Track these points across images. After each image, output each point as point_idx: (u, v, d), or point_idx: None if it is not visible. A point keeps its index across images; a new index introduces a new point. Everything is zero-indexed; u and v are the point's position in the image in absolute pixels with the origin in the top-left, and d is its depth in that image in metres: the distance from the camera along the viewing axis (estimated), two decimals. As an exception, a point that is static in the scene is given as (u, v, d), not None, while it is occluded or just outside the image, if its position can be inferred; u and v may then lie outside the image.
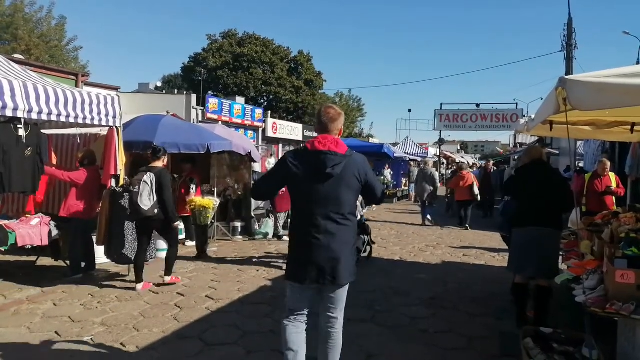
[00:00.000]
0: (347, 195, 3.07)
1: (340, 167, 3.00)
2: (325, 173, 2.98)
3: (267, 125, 28.49)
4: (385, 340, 4.48)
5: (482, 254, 8.99)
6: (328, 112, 3.16)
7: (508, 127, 28.79)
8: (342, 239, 3.07)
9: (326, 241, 3.02)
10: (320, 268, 3.03)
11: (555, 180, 4.81)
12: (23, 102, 4.96)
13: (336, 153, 3.01)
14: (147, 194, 5.75)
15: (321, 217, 3.03)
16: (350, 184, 3.06)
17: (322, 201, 3.03)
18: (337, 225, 3.05)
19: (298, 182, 3.07)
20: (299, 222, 3.17)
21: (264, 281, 6.54)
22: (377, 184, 3.29)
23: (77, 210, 6.25)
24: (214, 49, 40.02)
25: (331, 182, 3.01)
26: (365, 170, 3.15)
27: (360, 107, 49.60)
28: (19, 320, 4.75)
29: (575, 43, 19.30)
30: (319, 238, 3.01)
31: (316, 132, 3.19)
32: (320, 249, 3.01)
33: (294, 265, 3.16)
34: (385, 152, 18.18)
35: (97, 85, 17.55)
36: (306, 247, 3.06)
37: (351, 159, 3.07)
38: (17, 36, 23.56)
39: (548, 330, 3.89)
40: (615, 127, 5.56)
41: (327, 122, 3.13)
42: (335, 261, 3.04)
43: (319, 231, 3.02)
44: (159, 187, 5.79)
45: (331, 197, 3.03)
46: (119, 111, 6.29)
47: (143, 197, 5.73)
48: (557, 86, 3.23)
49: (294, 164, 3.05)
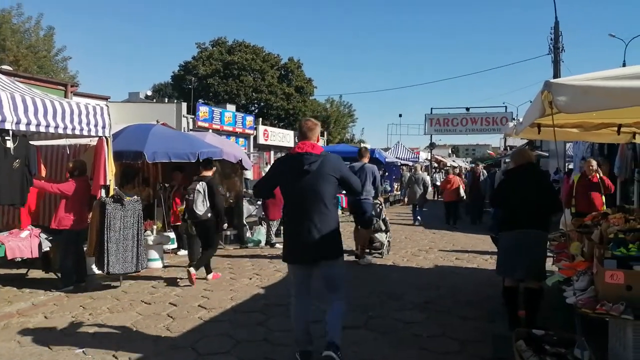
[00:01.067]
0: (325, 188, 3.74)
1: (316, 164, 3.70)
2: (304, 170, 3.69)
3: (258, 133, 28.51)
4: (379, 346, 4.48)
5: (474, 257, 9.02)
6: (306, 124, 3.91)
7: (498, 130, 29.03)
8: (324, 223, 3.75)
9: (311, 226, 3.70)
10: (309, 248, 3.74)
11: (542, 183, 4.85)
12: (11, 114, 4.93)
13: (312, 154, 3.73)
14: (201, 201, 6.64)
15: (305, 206, 3.74)
16: (326, 178, 3.74)
17: (304, 193, 3.73)
18: (320, 213, 3.73)
19: (285, 179, 3.82)
20: (289, 212, 3.94)
21: (257, 289, 6.52)
22: (352, 178, 4.01)
23: (68, 221, 6.21)
24: (204, 57, 40.05)
25: (310, 177, 3.70)
26: (339, 166, 3.85)
27: (351, 112, 49.82)
28: (9, 334, 4.69)
29: (562, 46, 19.53)
30: (305, 224, 3.72)
31: (298, 140, 3.96)
32: (306, 233, 3.71)
33: (287, 249, 3.91)
34: (377, 157, 18.20)
35: (86, 95, 17.48)
36: (295, 232, 3.79)
37: (326, 158, 3.76)
38: (5, 47, 23.46)
39: (540, 332, 3.91)
40: (603, 129, 5.63)
41: (306, 131, 3.87)
42: (319, 241, 3.71)
43: (305, 218, 3.72)
44: (210, 193, 6.66)
45: (311, 190, 3.72)
46: (108, 121, 6.27)
47: (197, 203, 6.63)
48: (543, 90, 3.27)
49: (282, 165, 3.92)
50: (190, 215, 6.83)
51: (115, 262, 6.03)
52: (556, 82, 3.21)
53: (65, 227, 6.22)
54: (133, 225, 6.25)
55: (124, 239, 6.09)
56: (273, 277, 7.23)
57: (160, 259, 7.91)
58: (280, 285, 6.80)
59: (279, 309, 5.58)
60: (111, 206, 6.05)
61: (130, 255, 6.20)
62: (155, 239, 7.91)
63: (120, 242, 6.04)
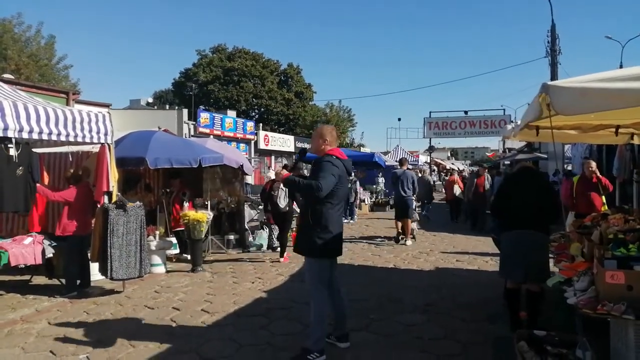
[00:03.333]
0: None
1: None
2: (349, 176, 4.47)
3: (259, 138, 28.56)
4: (380, 349, 4.49)
5: (475, 259, 9.04)
6: (335, 131, 4.47)
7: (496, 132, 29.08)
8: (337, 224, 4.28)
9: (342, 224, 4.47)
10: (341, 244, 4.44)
11: (544, 188, 4.87)
12: (13, 122, 4.97)
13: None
14: (283, 197, 8.64)
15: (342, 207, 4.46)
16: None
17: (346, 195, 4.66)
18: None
19: (342, 181, 4.21)
20: (336, 212, 4.23)
21: (259, 293, 6.54)
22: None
23: (72, 227, 6.25)
24: (204, 63, 40.18)
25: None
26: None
27: (351, 117, 49.83)
28: (13, 341, 4.72)
29: (559, 49, 19.58)
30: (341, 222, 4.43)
31: (329, 145, 4.29)
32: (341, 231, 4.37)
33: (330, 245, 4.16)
34: (377, 161, 18.27)
35: (88, 103, 17.54)
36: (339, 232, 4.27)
37: None
38: (7, 56, 23.55)
39: (541, 333, 3.92)
40: (601, 130, 5.66)
41: (337, 137, 4.43)
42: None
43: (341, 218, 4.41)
44: (289, 192, 8.50)
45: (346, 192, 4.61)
46: (110, 128, 6.31)
47: (281, 199, 8.63)
48: (540, 92, 3.30)
49: (340, 167, 4.18)
50: (274, 208, 8.77)
51: (119, 268, 6.06)
52: (553, 85, 3.24)
53: (69, 234, 6.25)
54: (136, 230, 6.28)
55: (127, 245, 6.12)
56: (275, 281, 7.25)
57: (163, 264, 7.94)
58: (283, 289, 6.82)
59: (281, 312, 5.60)
60: (114, 212, 6.08)
61: (134, 260, 6.23)
62: (158, 244, 7.94)
63: (123, 248, 6.07)
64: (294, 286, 6.95)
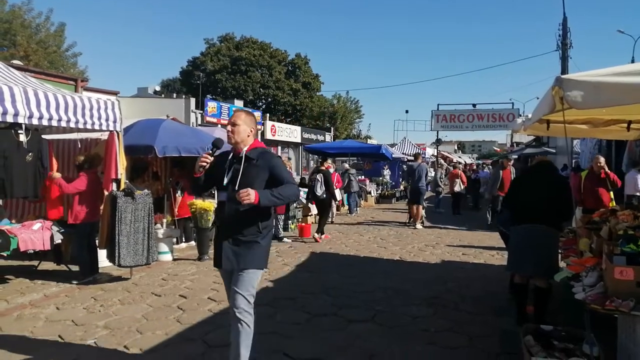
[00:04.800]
0: None
1: None
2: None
3: (265, 128, 28.54)
4: (386, 340, 4.50)
5: (481, 252, 9.03)
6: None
7: (505, 126, 28.85)
8: None
9: None
10: None
11: (560, 184, 4.80)
12: (24, 108, 4.98)
13: None
14: (320, 186, 10.16)
15: None
16: None
17: None
18: None
19: None
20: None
21: (265, 282, 6.56)
22: None
23: (82, 215, 6.30)
24: (212, 52, 40.13)
25: None
26: None
27: (358, 108, 49.63)
28: (22, 325, 4.77)
29: (570, 42, 19.37)
30: None
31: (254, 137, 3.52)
32: None
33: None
34: (383, 153, 18.22)
35: (96, 90, 17.56)
36: None
37: None
38: (16, 42, 23.58)
39: (548, 328, 3.92)
40: (612, 125, 5.61)
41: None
42: None
43: None
44: (325, 181, 10.24)
45: None
46: (119, 116, 6.32)
47: (317, 187, 10.20)
48: (554, 85, 3.27)
49: None
50: (312, 195, 10.52)
51: (126, 255, 6.09)
52: (567, 78, 3.21)
53: (82, 221, 6.30)
54: (144, 218, 6.31)
55: (135, 232, 6.15)
56: (281, 271, 7.28)
57: (170, 252, 7.98)
58: (288, 278, 6.85)
59: (287, 302, 5.63)
60: (122, 200, 6.10)
61: (141, 248, 6.26)
62: (165, 232, 7.98)
63: (131, 235, 6.11)
64: (300, 276, 6.98)
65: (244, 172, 3.29)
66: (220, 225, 3.45)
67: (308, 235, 10.61)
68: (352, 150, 18.94)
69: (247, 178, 3.27)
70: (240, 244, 3.31)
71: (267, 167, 3.33)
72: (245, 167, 3.32)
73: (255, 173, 3.30)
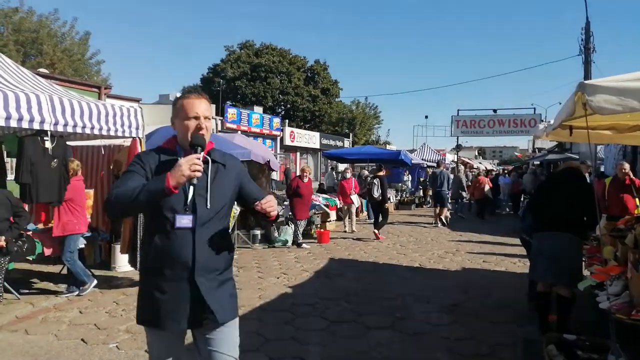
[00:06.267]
0: None
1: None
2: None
3: (284, 134, 28.70)
4: (406, 347, 4.47)
5: (502, 259, 8.90)
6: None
7: (526, 132, 28.45)
8: None
9: None
10: None
11: (585, 192, 4.64)
12: (49, 115, 5.10)
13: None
14: (376, 189, 11.28)
15: None
16: None
17: None
18: None
19: None
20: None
21: (285, 288, 6.58)
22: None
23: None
24: (232, 59, 40.55)
25: None
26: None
27: (377, 114, 49.57)
28: (46, 328, 4.87)
29: (593, 47, 19.07)
30: None
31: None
32: None
33: None
34: (402, 159, 18.12)
35: (119, 97, 17.88)
36: None
37: None
38: (42, 51, 24.18)
39: (572, 337, 3.84)
40: (638, 131, 5.50)
41: None
42: None
43: None
44: (381, 184, 11.31)
45: None
46: (141, 122, 6.41)
47: (373, 190, 11.30)
48: (577, 91, 3.23)
49: None
50: (370, 198, 11.62)
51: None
52: (590, 84, 3.17)
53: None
54: (164, 224, 6.36)
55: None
56: (300, 277, 7.29)
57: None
58: (307, 285, 6.85)
59: (306, 308, 5.63)
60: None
61: (162, 253, 6.32)
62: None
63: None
64: (319, 282, 6.97)
65: (215, 181, 2.29)
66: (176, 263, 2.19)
67: (327, 241, 10.61)
68: (371, 156, 18.87)
69: (221, 188, 2.31)
70: (218, 284, 2.29)
71: (237, 175, 2.42)
72: (214, 174, 2.31)
73: (227, 182, 2.34)
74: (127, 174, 2.24)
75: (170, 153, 2.30)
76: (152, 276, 2.26)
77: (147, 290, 2.27)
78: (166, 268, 2.21)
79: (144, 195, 2.06)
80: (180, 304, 2.22)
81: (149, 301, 2.25)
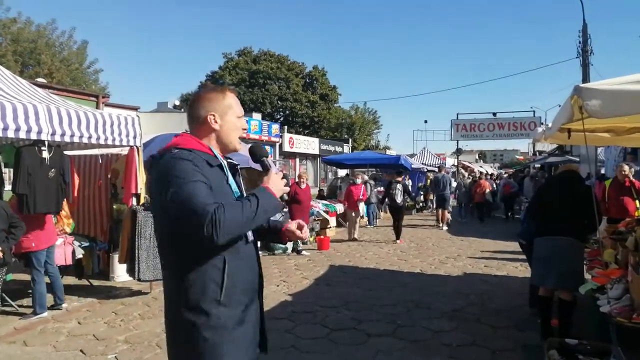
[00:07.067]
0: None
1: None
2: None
3: (284, 140, 28.69)
4: (407, 354, 4.44)
5: (504, 264, 8.87)
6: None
7: (526, 135, 28.45)
8: None
9: None
10: None
11: (585, 195, 4.58)
12: (47, 125, 5.10)
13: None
14: (400, 194, 11.77)
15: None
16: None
17: None
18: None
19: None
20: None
21: (284, 296, 6.55)
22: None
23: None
24: (230, 66, 40.65)
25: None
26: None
27: (376, 119, 49.59)
28: (45, 339, 4.84)
29: (591, 49, 19.08)
30: None
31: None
32: None
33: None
34: (402, 163, 18.10)
35: (117, 106, 17.89)
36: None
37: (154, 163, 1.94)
38: (40, 60, 24.25)
39: (573, 342, 3.81)
40: (636, 133, 5.49)
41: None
42: None
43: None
44: (405, 190, 12.03)
45: None
46: (138, 131, 6.41)
47: (397, 196, 11.76)
48: (573, 94, 3.21)
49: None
50: (392, 203, 11.97)
51: (146, 269, 6.14)
52: (586, 87, 3.15)
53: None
54: (163, 233, 6.35)
55: (154, 247, 6.19)
56: (300, 285, 7.25)
57: (189, 266, 8.01)
58: (307, 292, 6.82)
59: (306, 316, 5.60)
60: (142, 214, 6.17)
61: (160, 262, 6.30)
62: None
63: (150, 250, 6.15)
64: (319, 289, 6.94)
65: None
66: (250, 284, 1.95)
67: (327, 248, 10.57)
68: (370, 161, 18.84)
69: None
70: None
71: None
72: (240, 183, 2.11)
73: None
74: (200, 186, 1.72)
75: (210, 158, 1.90)
76: (230, 310, 1.83)
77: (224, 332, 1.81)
78: (243, 294, 1.88)
79: (261, 216, 1.77)
80: (256, 331, 1.97)
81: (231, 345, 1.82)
